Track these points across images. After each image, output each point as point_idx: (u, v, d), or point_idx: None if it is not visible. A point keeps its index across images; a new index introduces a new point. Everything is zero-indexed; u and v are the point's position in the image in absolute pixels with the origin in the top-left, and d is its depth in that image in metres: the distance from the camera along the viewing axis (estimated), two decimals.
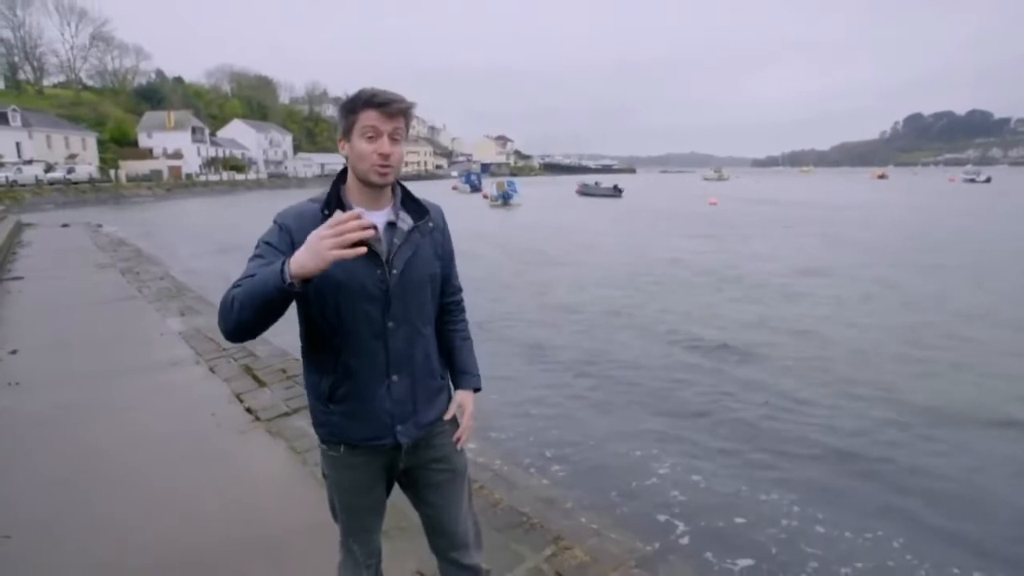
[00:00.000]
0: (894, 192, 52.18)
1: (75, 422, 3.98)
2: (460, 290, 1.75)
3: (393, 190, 1.51)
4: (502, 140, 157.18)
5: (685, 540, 3.57)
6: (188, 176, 58.11)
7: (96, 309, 7.41)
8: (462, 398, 1.70)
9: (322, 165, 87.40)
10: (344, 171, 1.49)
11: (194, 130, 65.83)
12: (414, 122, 1.38)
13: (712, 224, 24.44)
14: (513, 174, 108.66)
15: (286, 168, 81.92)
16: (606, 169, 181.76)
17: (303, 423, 3.92)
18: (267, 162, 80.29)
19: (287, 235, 1.39)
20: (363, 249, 1.18)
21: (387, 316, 1.46)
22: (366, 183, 1.42)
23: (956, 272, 12.80)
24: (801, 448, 4.80)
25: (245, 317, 1.25)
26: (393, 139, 1.38)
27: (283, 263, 1.19)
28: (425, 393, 1.58)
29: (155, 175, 52.54)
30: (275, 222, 1.44)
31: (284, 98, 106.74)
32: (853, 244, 17.67)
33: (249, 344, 5.77)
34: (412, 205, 1.54)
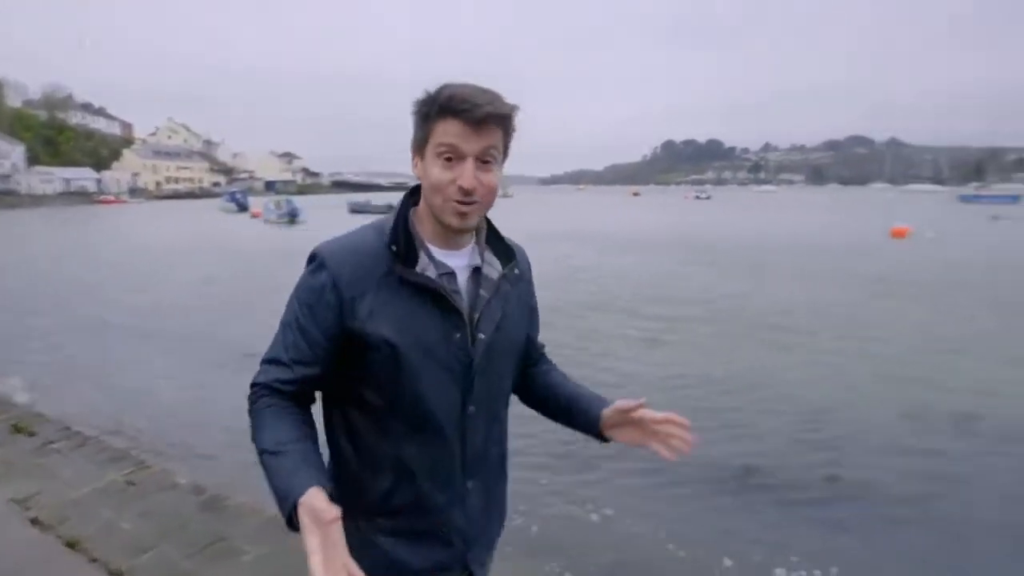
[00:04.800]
0: (634, 209, 61.08)
1: None
2: (543, 346, 1.36)
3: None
4: (288, 157, 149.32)
5: None
6: None
7: None
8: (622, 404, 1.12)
9: (67, 181, 76.07)
10: (417, 188, 1.10)
11: None
12: (185, 136, 0.85)
13: None
14: (300, 192, 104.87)
15: (17, 184, 69.64)
16: (400, 187, 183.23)
17: None
18: None
19: (331, 285, 1.00)
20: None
21: (468, 399, 1.08)
22: (440, 223, 1.04)
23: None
24: None
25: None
26: (483, 163, 0.99)
27: (295, 502, 0.84)
28: (497, 501, 1.22)
29: None
30: (313, 261, 1.04)
31: (14, 100, 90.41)
32: None
33: None
34: (497, 244, 1.15)
